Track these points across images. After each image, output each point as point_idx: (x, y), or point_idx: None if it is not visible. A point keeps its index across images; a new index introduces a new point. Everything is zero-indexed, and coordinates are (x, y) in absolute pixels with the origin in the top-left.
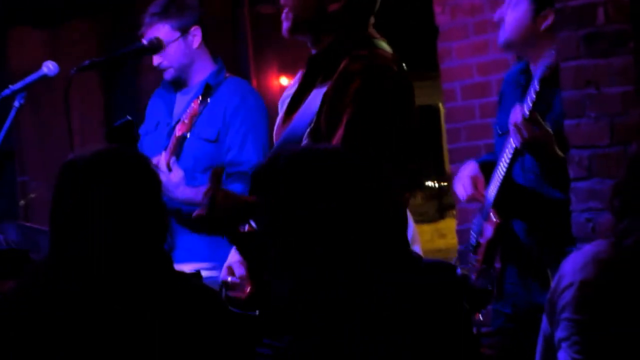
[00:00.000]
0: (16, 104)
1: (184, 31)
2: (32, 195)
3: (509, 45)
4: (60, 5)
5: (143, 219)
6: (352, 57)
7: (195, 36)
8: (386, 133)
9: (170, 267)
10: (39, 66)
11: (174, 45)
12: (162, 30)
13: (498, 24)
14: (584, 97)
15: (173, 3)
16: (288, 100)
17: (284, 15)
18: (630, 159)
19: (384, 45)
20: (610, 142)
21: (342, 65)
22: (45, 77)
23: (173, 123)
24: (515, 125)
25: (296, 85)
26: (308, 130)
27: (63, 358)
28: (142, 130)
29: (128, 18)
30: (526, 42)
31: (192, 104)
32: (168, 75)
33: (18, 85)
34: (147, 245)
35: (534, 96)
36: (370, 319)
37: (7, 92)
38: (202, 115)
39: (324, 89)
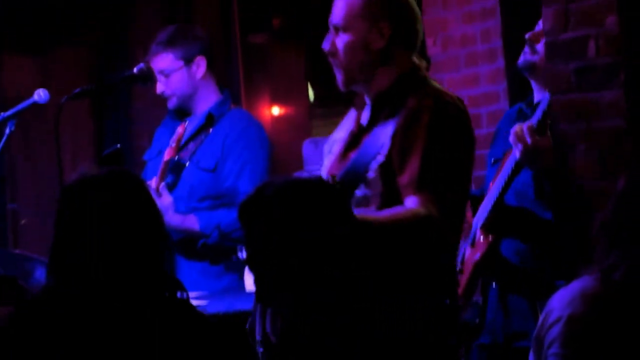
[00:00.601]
0: (7, 130)
1: (188, 61)
2: (23, 222)
3: (533, 71)
4: (51, 32)
5: (139, 229)
6: (420, 94)
7: (200, 66)
8: (457, 166)
9: (164, 286)
10: (29, 93)
11: (177, 74)
12: (166, 60)
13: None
14: (575, 131)
15: (179, 32)
16: (342, 139)
17: (335, 69)
18: (619, 193)
19: (438, 85)
20: (601, 176)
21: (410, 102)
22: (35, 105)
23: None
24: (519, 132)
25: (352, 124)
26: (375, 164)
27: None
28: (146, 156)
29: (119, 45)
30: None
31: (178, 129)
32: (171, 104)
33: (9, 112)
34: (143, 257)
35: (545, 108)
36: (372, 340)
37: None
38: (203, 145)
39: (388, 126)
